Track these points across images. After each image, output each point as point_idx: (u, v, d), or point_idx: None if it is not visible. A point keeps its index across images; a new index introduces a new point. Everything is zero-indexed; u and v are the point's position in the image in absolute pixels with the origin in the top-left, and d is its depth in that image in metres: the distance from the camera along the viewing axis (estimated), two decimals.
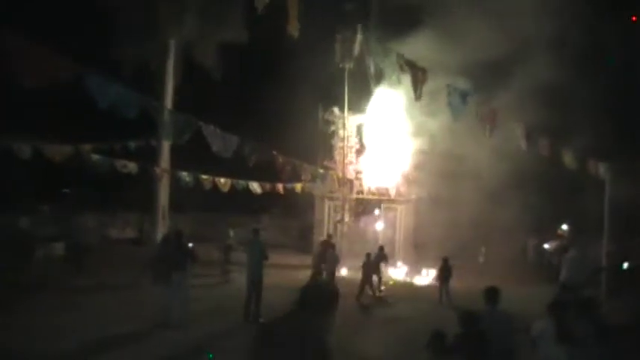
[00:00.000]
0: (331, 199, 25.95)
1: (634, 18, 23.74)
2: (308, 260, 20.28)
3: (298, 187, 25.78)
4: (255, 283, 13.37)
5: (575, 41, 20.11)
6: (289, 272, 20.19)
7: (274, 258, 14.97)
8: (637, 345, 7.13)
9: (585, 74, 19.86)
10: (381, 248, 19.15)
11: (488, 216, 21.80)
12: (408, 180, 25.51)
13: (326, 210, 26.38)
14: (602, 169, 17.67)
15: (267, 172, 19.63)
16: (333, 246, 18.67)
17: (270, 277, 14.49)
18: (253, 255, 13.62)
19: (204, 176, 22.86)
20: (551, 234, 23.99)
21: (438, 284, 17.76)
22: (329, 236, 20.75)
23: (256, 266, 13.47)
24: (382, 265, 18.79)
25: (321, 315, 4.10)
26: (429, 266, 20.98)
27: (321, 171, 22.48)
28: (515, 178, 20.52)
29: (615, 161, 18.41)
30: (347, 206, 25.11)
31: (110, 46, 22.52)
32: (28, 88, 8.08)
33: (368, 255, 17.68)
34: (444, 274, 17.46)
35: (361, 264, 17.54)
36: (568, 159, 15.96)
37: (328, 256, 17.76)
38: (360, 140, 26.23)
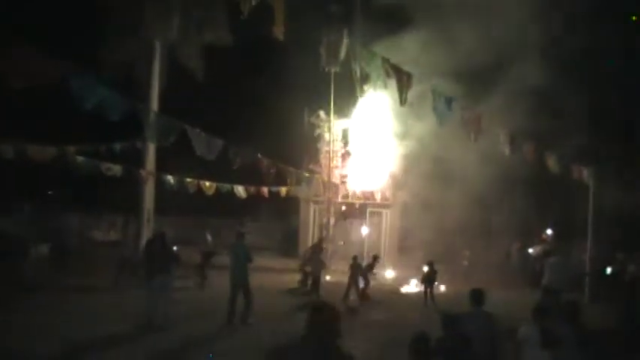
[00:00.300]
0: (316, 202, 25.98)
1: (634, 18, 23.90)
2: (292, 264, 20.29)
3: (283, 190, 25.79)
4: (241, 287, 13.33)
5: (564, 45, 20.27)
6: (273, 275, 20.18)
7: (258, 261, 14.98)
8: (619, 350, 7.20)
9: (574, 78, 20.01)
10: (375, 258, 19.23)
11: (474, 220, 21.90)
12: (394, 184, 25.59)
13: (311, 214, 26.43)
14: (585, 174, 17.82)
15: (253, 176, 19.62)
16: (320, 250, 18.72)
17: (254, 281, 14.44)
18: (237, 258, 13.54)
19: (189, 179, 22.79)
20: (537, 238, 24.12)
21: (422, 288, 17.82)
22: (320, 240, 20.80)
23: (241, 269, 13.41)
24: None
25: (331, 336, 4.29)
26: (414, 270, 20.97)
27: (307, 175, 22.49)
28: (502, 181, 20.63)
29: (601, 166, 18.61)
30: (332, 210, 25.12)
31: (96, 47, 22.38)
32: (14, 88, 8.03)
33: (355, 258, 17.73)
34: (429, 278, 17.55)
35: (348, 267, 17.61)
36: (552, 164, 16.08)
37: (314, 260, 17.80)
38: (346, 144, 26.28)
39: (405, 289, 20.21)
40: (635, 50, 20.92)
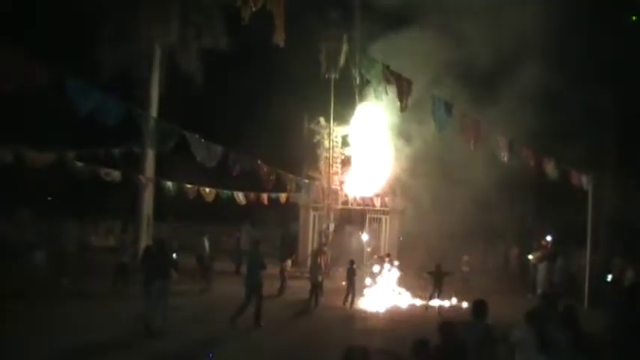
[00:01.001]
0: (316, 209, 25.96)
1: (634, 18, 23.77)
2: (290, 271, 20.28)
3: (283, 196, 25.78)
4: (254, 291, 13.61)
5: (563, 49, 20.29)
6: (272, 282, 20.16)
7: None
8: (616, 356, 7.18)
9: (573, 83, 20.01)
10: (388, 255, 19.62)
11: (473, 225, 21.86)
12: (393, 190, 25.59)
13: (311, 220, 26.40)
14: (584, 180, 17.82)
15: (252, 182, 19.62)
16: (321, 255, 18.77)
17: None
18: (252, 265, 13.91)
19: (188, 185, 22.78)
20: (536, 244, 24.05)
21: (429, 293, 17.56)
22: (320, 245, 20.85)
23: (255, 275, 13.74)
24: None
25: None
26: (413, 275, 20.91)
27: (306, 181, 22.49)
28: (501, 187, 20.61)
29: (600, 172, 18.59)
30: (332, 216, 25.11)
31: (96, 52, 22.41)
32: (9, 92, 8.06)
33: (352, 262, 17.74)
34: (437, 282, 17.31)
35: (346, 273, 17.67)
36: (551, 170, 16.09)
37: (311, 266, 17.81)
38: (346, 151, 26.29)
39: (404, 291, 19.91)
40: (635, 52, 20.84)
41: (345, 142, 26.23)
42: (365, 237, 25.59)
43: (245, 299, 13.56)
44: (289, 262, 19.36)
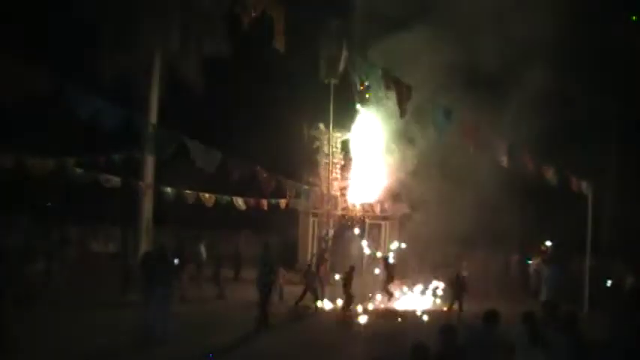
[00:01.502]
0: (315, 215, 25.94)
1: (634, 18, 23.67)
2: (289, 276, 20.27)
3: (283, 202, 25.76)
4: (262, 293, 14.02)
5: (563, 52, 20.31)
6: None
7: (254, 274, 15.19)
8: (615, 357, 7.19)
9: (573, 88, 20.02)
10: (386, 258, 19.94)
11: (473, 231, 21.82)
12: (393, 196, 25.58)
13: (310, 226, 26.36)
14: (584, 186, 17.83)
15: (252, 187, 19.63)
16: (322, 261, 18.80)
17: (251, 293, 14.62)
18: (262, 268, 14.31)
19: (188, 191, 22.78)
20: (536, 249, 24.04)
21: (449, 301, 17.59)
22: (322, 252, 20.85)
23: (263, 278, 14.17)
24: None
25: None
26: (413, 281, 20.91)
27: (306, 187, 22.49)
28: (501, 192, 20.59)
29: (600, 177, 18.62)
30: (331, 222, 25.08)
31: (95, 59, 22.43)
32: (9, 98, 8.08)
33: (351, 268, 17.76)
34: (459, 286, 17.37)
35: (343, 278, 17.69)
36: (550, 175, 16.09)
37: (309, 273, 17.84)
38: (345, 156, 26.30)
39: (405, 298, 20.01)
40: (635, 54, 20.80)
41: (344, 148, 26.25)
42: (364, 243, 25.58)
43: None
44: (284, 271, 19.27)
